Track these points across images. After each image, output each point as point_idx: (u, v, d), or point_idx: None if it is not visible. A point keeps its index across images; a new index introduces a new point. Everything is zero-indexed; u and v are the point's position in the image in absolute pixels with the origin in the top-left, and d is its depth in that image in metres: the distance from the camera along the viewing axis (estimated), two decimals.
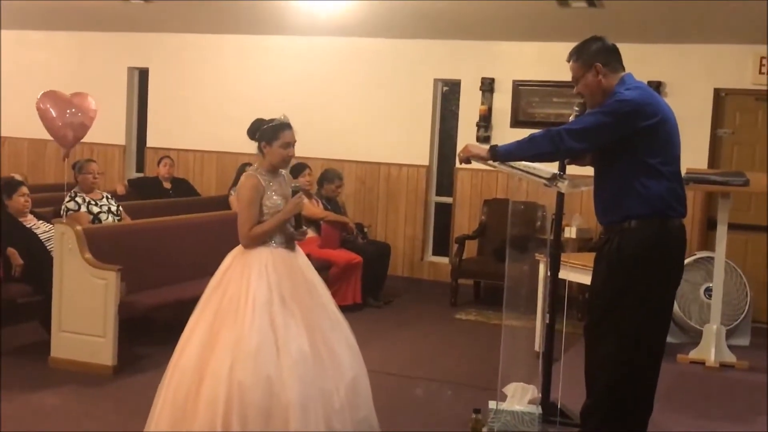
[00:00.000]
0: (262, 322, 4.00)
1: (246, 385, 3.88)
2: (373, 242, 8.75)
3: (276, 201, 4.31)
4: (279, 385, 3.91)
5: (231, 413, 3.85)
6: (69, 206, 6.87)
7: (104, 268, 5.71)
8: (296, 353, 3.99)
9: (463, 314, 8.04)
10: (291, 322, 4.06)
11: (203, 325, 4.07)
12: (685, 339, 7.14)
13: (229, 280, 4.16)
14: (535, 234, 8.24)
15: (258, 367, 3.91)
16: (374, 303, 8.16)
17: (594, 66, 3.92)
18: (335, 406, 4.03)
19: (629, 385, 3.88)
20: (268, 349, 3.95)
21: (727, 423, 5.32)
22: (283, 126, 4.35)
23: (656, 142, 3.82)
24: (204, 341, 4.01)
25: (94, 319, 5.69)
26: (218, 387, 3.88)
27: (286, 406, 3.89)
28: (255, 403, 3.87)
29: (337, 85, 9.60)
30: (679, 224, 3.91)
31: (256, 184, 4.28)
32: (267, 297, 4.07)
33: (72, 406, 5.10)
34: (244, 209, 4.27)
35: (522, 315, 6.22)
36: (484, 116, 9.06)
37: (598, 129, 3.82)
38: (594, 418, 3.95)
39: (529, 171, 4.26)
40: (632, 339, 3.84)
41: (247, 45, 9.97)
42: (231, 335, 3.97)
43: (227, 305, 4.07)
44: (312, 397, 3.95)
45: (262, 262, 4.17)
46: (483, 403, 4.81)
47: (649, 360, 3.94)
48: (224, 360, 3.92)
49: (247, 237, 4.23)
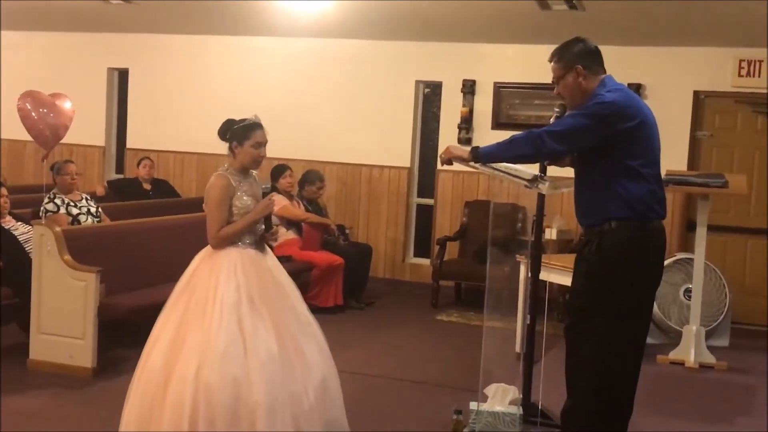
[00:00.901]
0: (229, 323, 3.98)
1: (213, 387, 3.86)
2: (355, 244, 8.75)
3: (246, 201, 4.28)
4: (246, 386, 3.89)
5: (197, 415, 3.83)
6: (48, 207, 6.83)
7: (84, 269, 5.67)
8: (264, 354, 3.97)
9: (445, 316, 8.05)
10: (259, 324, 4.04)
11: (170, 326, 4.05)
12: (664, 340, 7.17)
13: (197, 281, 4.13)
14: (516, 235, 8.26)
15: (225, 369, 3.89)
16: (356, 305, 8.15)
17: (575, 68, 3.93)
18: (304, 407, 4.01)
19: (610, 386, 3.89)
20: (235, 351, 3.93)
21: (706, 424, 5.35)
22: (255, 126, 4.32)
23: (636, 145, 3.83)
24: (171, 343, 4.00)
25: (74, 321, 5.66)
26: (185, 389, 3.86)
27: (253, 408, 3.87)
28: (222, 405, 3.85)
29: (319, 86, 9.59)
30: (659, 226, 3.92)
31: (227, 184, 4.25)
32: (235, 298, 4.04)
33: (51, 408, 5.06)
34: (213, 209, 4.24)
35: (503, 316, 6.23)
36: (465, 118, 9.07)
37: (578, 131, 3.83)
38: (576, 420, 3.96)
39: (510, 172, 4.26)
40: (612, 340, 3.85)
41: (228, 46, 9.94)
42: (198, 336, 3.96)
43: (195, 306, 4.05)
44: (280, 399, 3.93)
45: (230, 262, 4.14)
46: (464, 404, 4.81)
47: (629, 361, 3.95)
48: (191, 361, 3.90)
49: (216, 237, 4.20)
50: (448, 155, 4.12)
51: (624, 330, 3.86)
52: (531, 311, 4.94)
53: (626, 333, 3.88)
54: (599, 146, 3.84)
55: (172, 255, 6.49)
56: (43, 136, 8.41)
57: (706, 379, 6.38)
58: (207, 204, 4.30)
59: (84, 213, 6.95)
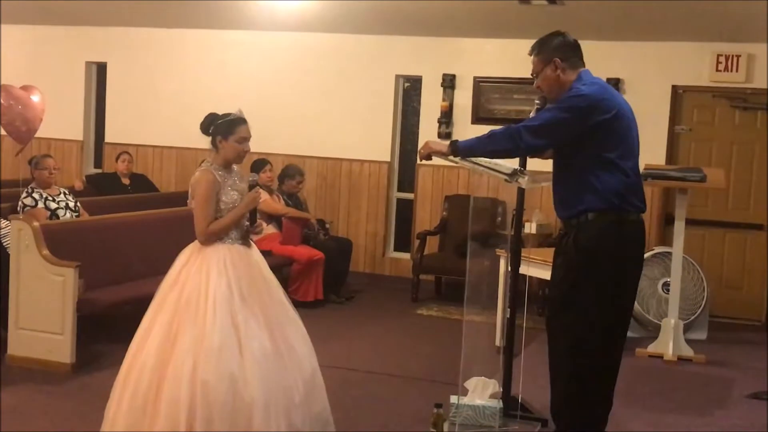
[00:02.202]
0: (223, 319, 3.96)
1: (210, 384, 3.84)
2: (335, 238, 8.74)
3: (233, 196, 4.26)
4: (242, 382, 3.88)
5: (194, 413, 3.81)
6: (26, 202, 6.77)
7: (62, 264, 5.64)
8: (258, 350, 3.97)
9: (425, 310, 8.06)
10: (251, 319, 4.03)
11: (161, 323, 4.01)
12: (643, 333, 7.21)
13: (187, 277, 4.10)
14: (496, 230, 8.29)
15: (221, 366, 3.87)
16: (336, 299, 8.15)
17: (553, 60, 3.95)
18: (295, 401, 4.02)
19: (591, 378, 3.92)
20: (230, 347, 3.92)
21: (684, 416, 5.39)
22: (239, 121, 4.30)
23: (613, 137, 3.85)
24: (163, 340, 3.96)
25: (52, 316, 5.62)
26: (180, 387, 3.84)
27: (249, 404, 3.86)
28: (219, 402, 3.83)
29: (298, 80, 9.56)
30: (637, 219, 3.94)
31: (213, 179, 4.22)
32: (227, 294, 4.03)
33: (29, 404, 5.03)
34: (200, 205, 4.20)
35: (483, 310, 6.25)
36: (445, 112, 9.08)
37: (555, 125, 3.85)
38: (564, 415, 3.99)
39: (490, 167, 4.28)
40: (589, 332, 3.86)
41: (207, 40, 9.89)
42: (191, 333, 3.93)
43: (186, 303, 4.01)
44: (274, 394, 3.94)
45: (220, 258, 4.12)
46: (444, 398, 4.82)
47: (607, 353, 3.97)
48: (186, 359, 3.88)
49: (205, 234, 4.17)
50: (427, 150, 4.12)
51: (600, 322, 3.87)
52: (511, 305, 4.95)
53: (603, 325, 3.89)
54: (576, 139, 3.86)
55: (151, 250, 6.49)
56: (18, 132, 8.36)
57: (684, 372, 6.42)
58: (194, 200, 4.25)
59: (62, 208, 6.90)
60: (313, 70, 9.52)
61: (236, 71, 9.75)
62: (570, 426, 3.97)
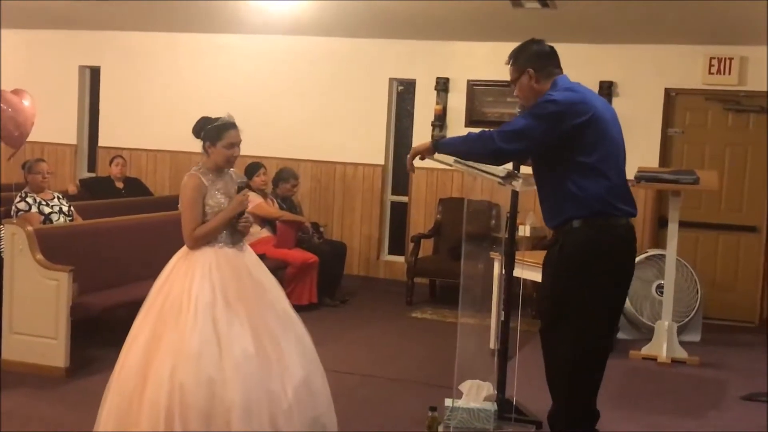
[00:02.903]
0: (204, 323, 3.96)
1: (187, 388, 3.84)
2: (329, 242, 8.74)
3: (219, 200, 4.26)
4: (221, 386, 3.87)
5: (173, 416, 3.82)
6: (20, 206, 6.77)
7: (56, 269, 5.64)
8: (239, 354, 3.95)
9: (419, 313, 8.06)
10: (235, 323, 4.02)
11: (147, 327, 4.03)
12: (637, 335, 7.23)
13: (173, 281, 4.11)
14: (490, 232, 8.30)
15: (200, 369, 3.87)
16: (330, 302, 8.15)
17: (527, 71, 3.96)
18: (282, 406, 3.98)
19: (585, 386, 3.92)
20: (210, 351, 3.92)
21: (678, 418, 5.40)
22: (228, 126, 4.30)
23: (588, 141, 3.78)
24: (147, 343, 3.98)
25: (46, 320, 5.62)
26: (160, 389, 3.85)
27: (228, 408, 3.85)
28: (196, 406, 3.83)
29: (292, 84, 9.57)
30: (625, 223, 3.89)
31: (198, 183, 4.23)
32: (210, 298, 4.02)
33: (24, 408, 5.02)
34: (186, 210, 4.23)
35: (477, 313, 6.26)
36: (438, 116, 9.09)
37: (526, 130, 3.80)
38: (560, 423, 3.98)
39: (483, 170, 4.28)
40: (584, 340, 3.84)
41: (201, 43, 9.90)
42: (173, 337, 3.94)
43: (170, 307, 4.03)
44: (256, 398, 3.91)
45: (206, 262, 4.13)
46: (439, 401, 4.82)
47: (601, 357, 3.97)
48: (166, 362, 3.89)
49: (191, 238, 4.18)
50: (414, 152, 4.11)
51: (592, 330, 3.85)
52: (505, 308, 4.96)
53: (595, 332, 3.87)
54: (551, 145, 3.81)
55: (145, 254, 6.48)
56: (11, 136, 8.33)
57: (678, 374, 6.43)
58: (180, 205, 4.29)
59: (56, 212, 6.89)
60: (307, 74, 9.53)
61: (230, 75, 9.75)
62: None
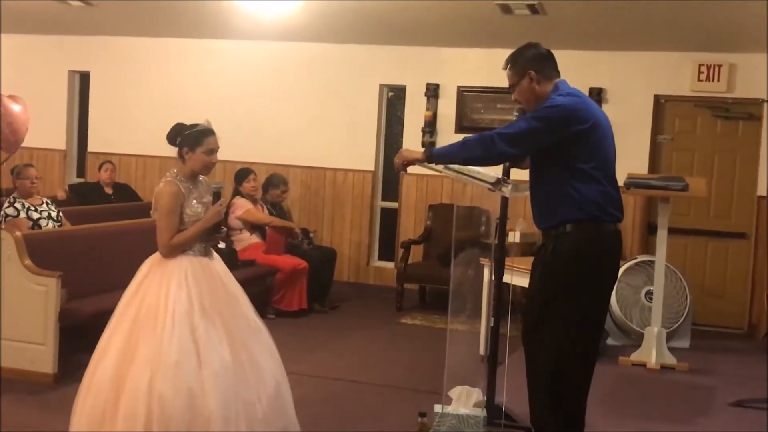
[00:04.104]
0: (182, 333, 3.91)
1: (166, 398, 3.80)
2: (319, 247, 8.73)
3: (197, 209, 4.20)
4: (200, 396, 3.84)
5: (151, 427, 3.78)
6: (8, 212, 6.74)
7: (44, 274, 5.61)
8: (217, 364, 3.91)
9: (409, 319, 8.06)
10: (212, 333, 3.98)
11: (120, 336, 3.97)
12: (626, 341, 7.24)
13: (147, 289, 4.05)
14: (480, 238, 8.29)
15: (179, 379, 3.83)
16: (320, 309, 8.14)
17: (528, 73, 3.97)
18: (258, 416, 3.97)
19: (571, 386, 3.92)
20: (188, 361, 3.87)
21: (667, 424, 5.40)
22: (207, 132, 4.26)
23: (588, 148, 3.84)
24: (121, 353, 3.92)
25: (34, 326, 5.59)
26: (138, 400, 3.80)
27: (207, 418, 3.82)
28: (176, 416, 3.79)
29: (282, 89, 9.56)
30: (614, 229, 3.94)
31: (177, 191, 4.16)
32: (187, 307, 3.97)
33: (11, 414, 4.99)
34: (163, 217, 4.14)
35: (467, 319, 6.25)
36: (429, 122, 9.10)
37: (529, 134, 3.85)
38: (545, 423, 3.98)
39: (473, 176, 4.29)
40: (568, 344, 3.86)
41: (191, 49, 9.88)
42: (150, 347, 3.88)
43: (145, 316, 3.97)
44: (234, 408, 3.89)
45: (181, 270, 4.07)
46: (428, 407, 4.82)
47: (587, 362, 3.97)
48: (143, 372, 3.83)
49: (167, 246, 4.12)
50: (402, 159, 4.10)
51: (578, 334, 3.87)
52: (495, 314, 4.96)
53: (581, 337, 3.89)
54: (551, 150, 3.86)
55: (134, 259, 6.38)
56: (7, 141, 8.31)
57: (667, 380, 6.45)
58: (157, 212, 4.19)
59: (45, 217, 6.87)
60: (297, 80, 9.52)
61: (220, 80, 9.73)
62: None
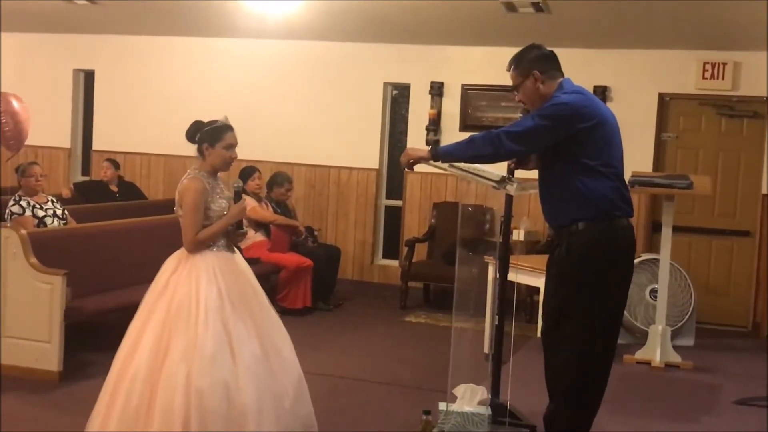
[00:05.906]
0: (215, 327, 3.95)
1: (204, 393, 3.84)
2: (323, 245, 8.74)
3: (222, 204, 4.25)
4: (235, 390, 3.89)
5: (189, 421, 3.81)
6: (13, 210, 6.75)
7: (50, 272, 5.62)
8: (249, 357, 3.98)
9: (413, 317, 8.06)
10: (242, 326, 4.03)
11: (151, 331, 3.98)
12: (631, 340, 7.23)
13: (176, 285, 4.07)
14: (484, 237, 8.29)
15: (215, 373, 3.87)
16: (324, 306, 8.15)
17: (532, 73, 3.98)
18: (285, 406, 4.04)
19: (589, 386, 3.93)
20: (223, 355, 3.92)
21: (671, 422, 5.40)
22: (226, 128, 4.29)
23: (595, 145, 3.86)
24: (154, 348, 3.94)
25: (40, 324, 5.60)
26: (175, 395, 3.83)
27: (242, 411, 3.87)
28: (213, 410, 3.84)
29: (287, 88, 9.57)
30: (627, 223, 3.96)
31: (203, 187, 4.19)
32: (218, 302, 4.02)
33: (17, 412, 5.00)
34: (189, 213, 4.17)
35: (471, 317, 6.24)
36: (433, 120, 9.10)
37: (535, 132, 3.86)
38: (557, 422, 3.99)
39: (478, 174, 4.29)
40: (589, 340, 3.88)
41: (195, 47, 9.89)
42: (183, 341, 3.92)
43: (176, 311, 3.99)
44: (265, 399, 3.95)
45: (209, 266, 4.11)
46: (433, 405, 4.81)
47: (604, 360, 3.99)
48: (179, 367, 3.87)
49: (193, 242, 4.15)
50: (408, 158, 4.12)
51: (598, 330, 3.90)
52: (499, 312, 4.96)
53: (601, 333, 3.91)
54: (559, 147, 3.88)
55: (139, 257, 6.47)
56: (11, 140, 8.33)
57: (671, 378, 6.44)
58: (182, 208, 4.22)
59: (50, 215, 6.88)
60: (302, 78, 9.53)
61: (224, 79, 9.75)
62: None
